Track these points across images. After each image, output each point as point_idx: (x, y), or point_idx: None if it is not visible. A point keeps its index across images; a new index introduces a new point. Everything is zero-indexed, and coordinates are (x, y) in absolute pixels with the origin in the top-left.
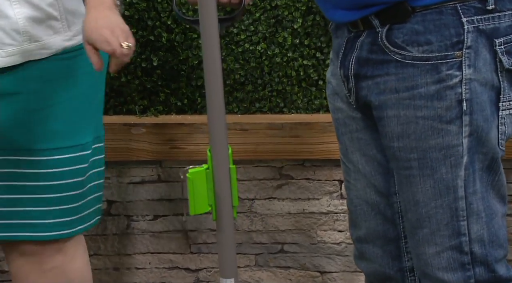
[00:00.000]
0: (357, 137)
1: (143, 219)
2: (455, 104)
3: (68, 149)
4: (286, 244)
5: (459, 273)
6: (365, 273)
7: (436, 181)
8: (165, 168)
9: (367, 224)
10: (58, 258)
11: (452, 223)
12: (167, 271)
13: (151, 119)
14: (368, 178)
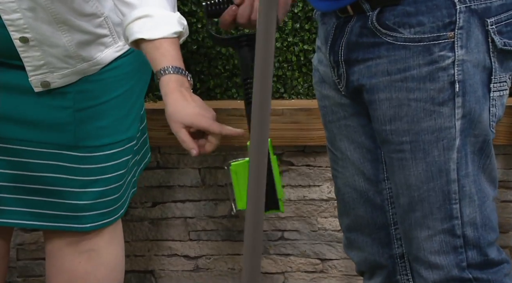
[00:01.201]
0: (345, 125)
1: (142, 206)
2: (448, 86)
3: (114, 144)
4: (286, 231)
5: (451, 257)
6: (355, 261)
7: (429, 164)
8: (164, 154)
9: (356, 212)
10: (96, 241)
11: (445, 206)
12: (166, 259)
13: (149, 105)
14: (356, 165)
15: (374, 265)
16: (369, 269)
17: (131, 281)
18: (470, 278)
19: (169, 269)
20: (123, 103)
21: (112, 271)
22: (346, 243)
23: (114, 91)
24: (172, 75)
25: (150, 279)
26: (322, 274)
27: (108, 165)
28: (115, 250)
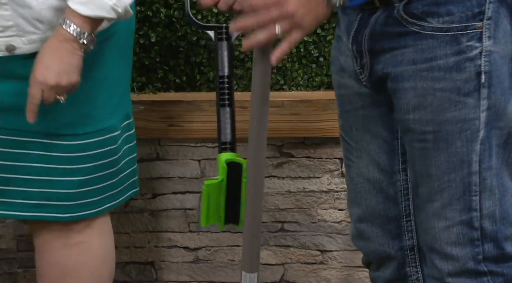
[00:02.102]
0: (363, 115)
1: (142, 198)
2: (474, 76)
3: (97, 132)
4: (286, 222)
5: (467, 249)
6: (364, 252)
7: (451, 154)
8: (164, 145)
9: (367, 202)
10: (86, 233)
11: (464, 197)
12: (166, 250)
13: (149, 97)
14: (372, 155)
15: (383, 257)
16: (377, 260)
17: (131, 272)
18: (485, 271)
19: (169, 260)
20: (104, 91)
21: (104, 262)
22: (355, 234)
23: (92, 76)
24: None
25: (150, 270)
26: (322, 265)
27: (93, 153)
28: (106, 241)
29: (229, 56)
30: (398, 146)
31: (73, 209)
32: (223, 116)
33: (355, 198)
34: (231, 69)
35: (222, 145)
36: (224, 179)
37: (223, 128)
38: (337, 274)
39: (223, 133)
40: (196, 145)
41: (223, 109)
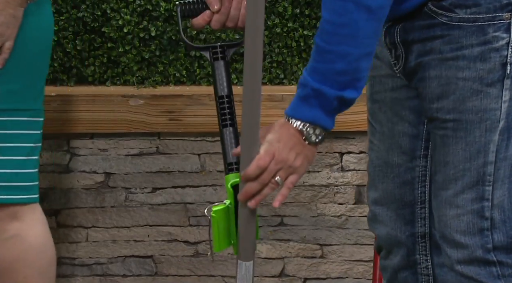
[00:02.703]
0: (391, 97)
1: (142, 192)
2: (499, 67)
3: (23, 111)
4: (286, 216)
5: (477, 238)
6: (377, 236)
7: (469, 143)
8: (164, 139)
9: (384, 186)
10: (16, 225)
11: (478, 187)
12: (166, 244)
13: (149, 91)
14: (395, 138)
15: (394, 242)
16: (388, 245)
17: (131, 266)
18: (494, 261)
19: (169, 254)
20: (29, 72)
21: (41, 252)
22: (370, 217)
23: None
24: None
25: (150, 264)
26: (321, 259)
27: (17, 133)
28: (40, 230)
29: (227, 75)
30: (423, 131)
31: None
32: (226, 137)
33: (373, 181)
34: (230, 88)
35: (228, 166)
36: (231, 202)
37: (227, 149)
38: (337, 268)
39: (227, 154)
40: (196, 139)
41: (225, 129)
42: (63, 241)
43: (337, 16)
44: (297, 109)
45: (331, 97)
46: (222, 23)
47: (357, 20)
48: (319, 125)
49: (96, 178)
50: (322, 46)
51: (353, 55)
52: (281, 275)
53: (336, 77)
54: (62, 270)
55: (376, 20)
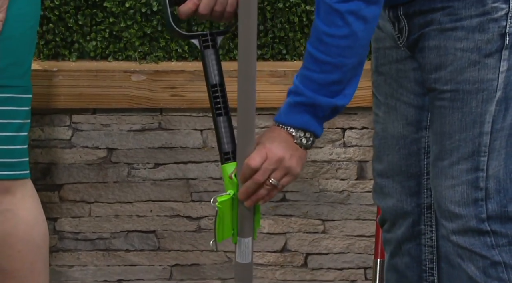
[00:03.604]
0: (396, 68)
1: (144, 167)
2: (497, 37)
3: (12, 88)
4: (288, 192)
5: (471, 208)
6: (382, 208)
7: (465, 114)
8: (166, 115)
9: (390, 157)
10: (7, 200)
11: (473, 157)
12: (168, 219)
13: (151, 66)
14: (401, 110)
15: (399, 214)
16: (393, 217)
17: (133, 240)
18: (488, 231)
19: (171, 229)
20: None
21: (33, 226)
22: (376, 189)
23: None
24: None
25: (153, 239)
26: (323, 235)
27: (5, 109)
28: (31, 204)
29: (218, 63)
30: (428, 102)
31: None
32: (220, 126)
33: (378, 153)
34: (221, 77)
35: (224, 155)
36: (235, 192)
37: (223, 138)
38: (339, 243)
39: (223, 143)
40: (198, 115)
41: (219, 118)
42: (66, 216)
43: (336, 28)
44: (288, 116)
45: (325, 106)
46: (210, 7)
47: (356, 31)
48: (310, 131)
49: (99, 153)
50: (320, 57)
51: (349, 65)
52: (283, 250)
53: (330, 86)
54: (65, 245)
55: (371, 30)
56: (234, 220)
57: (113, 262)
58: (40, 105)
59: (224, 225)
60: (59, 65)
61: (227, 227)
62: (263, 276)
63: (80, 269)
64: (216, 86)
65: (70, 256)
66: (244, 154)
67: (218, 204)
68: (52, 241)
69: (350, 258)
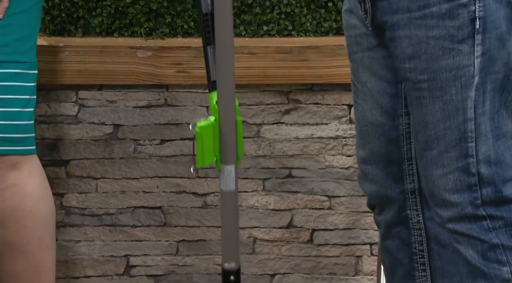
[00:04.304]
0: (368, 56)
1: (150, 143)
2: (468, 23)
3: (18, 64)
4: (294, 169)
5: (465, 194)
6: (368, 194)
7: (446, 102)
8: (172, 92)
9: (371, 145)
10: (14, 175)
11: (460, 144)
12: (174, 195)
13: (156, 42)
14: (376, 98)
15: (384, 199)
16: (379, 203)
17: (140, 216)
18: (484, 215)
19: (177, 205)
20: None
21: (39, 201)
22: (360, 175)
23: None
24: None
25: (159, 215)
26: (329, 211)
27: (11, 85)
28: (38, 180)
29: None
30: (401, 89)
31: None
32: (210, 55)
33: (361, 140)
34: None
35: (211, 84)
36: (216, 119)
37: (211, 67)
38: (345, 220)
39: (211, 72)
40: (204, 91)
41: (209, 47)
42: (72, 192)
43: None
44: None
45: None
46: None
47: None
48: None
49: (105, 129)
50: None
51: None
52: (289, 227)
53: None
54: (72, 220)
55: None
56: (216, 147)
57: (119, 237)
58: (46, 81)
59: (204, 150)
60: (65, 41)
61: (208, 153)
62: (269, 251)
63: (87, 244)
64: (207, 15)
65: (77, 231)
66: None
67: (197, 128)
68: (59, 216)
69: (356, 234)
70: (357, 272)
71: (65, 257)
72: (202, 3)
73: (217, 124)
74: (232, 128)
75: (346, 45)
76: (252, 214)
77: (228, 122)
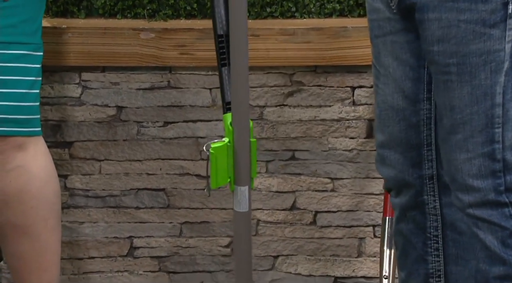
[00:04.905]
0: (391, 41)
1: (153, 126)
2: (500, 7)
3: (24, 45)
4: (298, 151)
5: (489, 180)
6: (385, 178)
7: (474, 87)
8: (175, 74)
9: (390, 129)
10: (20, 156)
11: (487, 130)
12: (178, 177)
13: (159, 24)
14: (398, 82)
15: (402, 184)
16: (396, 187)
17: (143, 198)
18: (507, 202)
19: (181, 187)
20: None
21: (45, 182)
22: (378, 159)
23: None
24: None
25: (163, 197)
26: (332, 193)
27: (17, 66)
28: (44, 162)
29: (226, 13)
30: (424, 74)
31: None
32: (225, 76)
33: (380, 124)
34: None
35: (226, 105)
36: (231, 140)
37: (226, 88)
38: (348, 202)
39: (226, 93)
40: (207, 73)
41: (224, 69)
42: (76, 173)
43: None
44: None
45: None
46: None
47: None
48: None
49: (108, 111)
50: None
51: None
52: (292, 209)
53: None
54: (76, 202)
55: None
56: (230, 168)
57: (123, 219)
58: (49, 63)
59: (218, 171)
60: (68, 23)
61: (222, 174)
62: (272, 233)
63: (91, 226)
64: (222, 37)
65: (81, 213)
66: (238, 105)
67: (212, 149)
68: (63, 198)
69: (359, 216)
70: (360, 253)
71: (69, 238)
72: (217, 25)
73: (232, 145)
74: (246, 149)
75: (368, 29)
76: (256, 196)
77: (242, 143)
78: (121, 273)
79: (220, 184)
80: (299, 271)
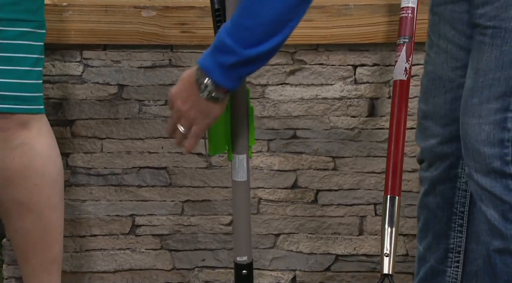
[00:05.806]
0: (451, 9)
1: (155, 104)
2: None
3: (27, 22)
4: (299, 129)
5: (496, 149)
6: (422, 148)
7: (503, 52)
8: (176, 52)
9: (435, 100)
10: (24, 134)
11: (504, 98)
12: (179, 156)
13: (160, 2)
14: (451, 52)
15: (438, 155)
16: (431, 158)
17: (145, 176)
18: (511, 173)
19: (182, 166)
20: None
21: (48, 160)
22: (419, 129)
23: None
24: None
25: (164, 175)
26: (334, 171)
27: (21, 43)
28: (47, 140)
29: None
30: None
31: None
32: None
33: (425, 94)
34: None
35: None
36: (228, 107)
37: None
38: (349, 180)
39: None
40: None
41: None
42: (78, 151)
43: None
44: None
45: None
46: None
47: None
48: (211, 77)
49: (110, 90)
50: None
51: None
52: (293, 187)
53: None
54: (77, 180)
55: None
56: (228, 136)
57: (125, 197)
58: (50, 40)
59: (217, 138)
60: (69, 0)
61: (220, 141)
62: (274, 212)
63: (93, 204)
64: (219, 11)
65: (83, 191)
66: None
67: None
68: (65, 176)
69: (360, 194)
70: (361, 231)
71: (71, 216)
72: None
73: (230, 113)
74: (243, 116)
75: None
76: (257, 174)
77: (239, 109)
78: (123, 251)
79: (218, 151)
80: (301, 249)
